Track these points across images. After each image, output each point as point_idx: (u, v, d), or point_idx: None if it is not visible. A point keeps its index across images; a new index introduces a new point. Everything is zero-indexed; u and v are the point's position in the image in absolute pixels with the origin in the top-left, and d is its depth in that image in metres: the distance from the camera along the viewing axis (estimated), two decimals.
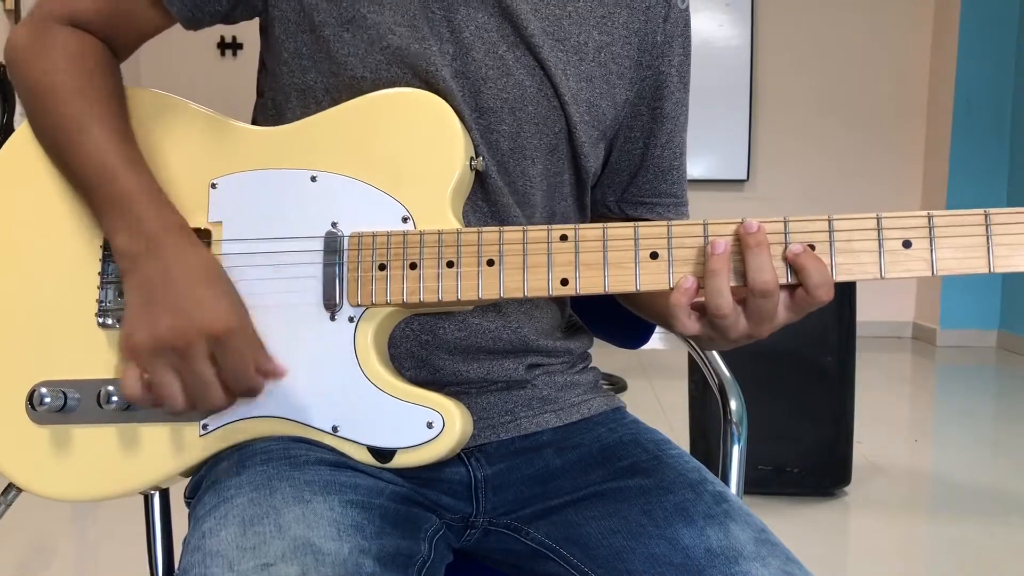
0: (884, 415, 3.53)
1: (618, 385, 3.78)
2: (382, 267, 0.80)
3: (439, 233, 0.79)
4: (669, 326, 0.79)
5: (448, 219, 0.80)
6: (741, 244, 0.73)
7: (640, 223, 0.76)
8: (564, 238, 0.77)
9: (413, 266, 0.79)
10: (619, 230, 0.76)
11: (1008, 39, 5.06)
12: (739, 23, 5.36)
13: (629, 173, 0.98)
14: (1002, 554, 2.27)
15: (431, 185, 0.81)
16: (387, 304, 0.80)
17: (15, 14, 4.57)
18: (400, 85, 0.83)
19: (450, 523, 0.87)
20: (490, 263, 0.78)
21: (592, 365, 1.01)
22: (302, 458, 0.78)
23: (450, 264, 0.78)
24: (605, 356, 0.86)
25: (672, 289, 0.75)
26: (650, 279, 0.76)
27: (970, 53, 5.07)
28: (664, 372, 4.11)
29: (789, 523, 2.39)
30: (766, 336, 0.76)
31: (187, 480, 0.87)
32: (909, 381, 4.61)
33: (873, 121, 5.43)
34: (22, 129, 0.88)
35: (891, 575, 2.20)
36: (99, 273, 0.85)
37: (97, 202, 0.82)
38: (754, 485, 2.46)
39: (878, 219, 0.73)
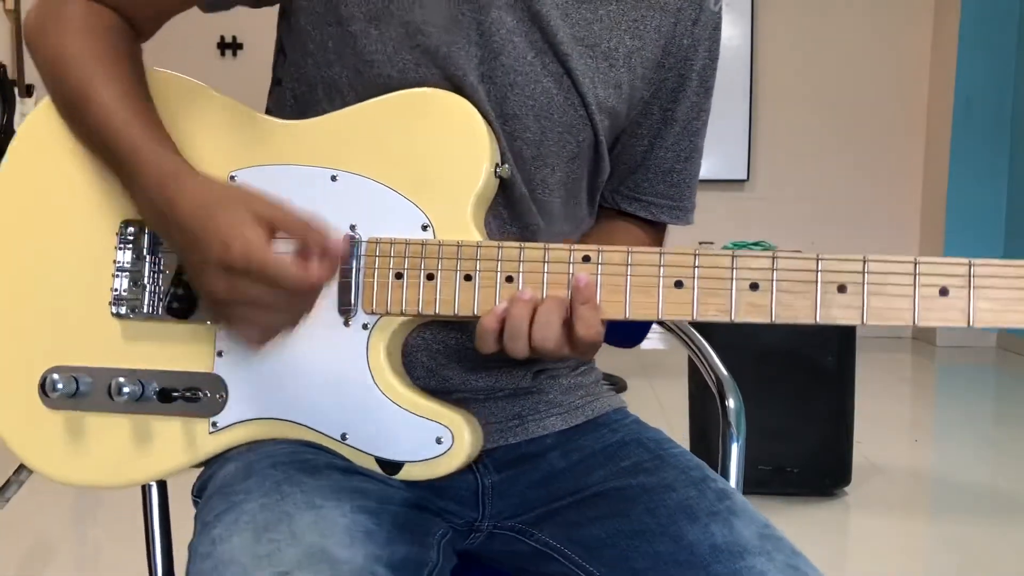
0: (884, 415, 3.52)
1: (618, 385, 3.78)
2: (399, 275, 0.77)
3: (458, 245, 0.77)
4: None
5: (469, 230, 0.78)
6: (573, 293, 0.73)
7: (666, 249, 0.74)
8: (587, 259, 0.74)
9: (430, 277, 0.77)
10: (643, 255, 0.74)
11: (1008, 39, 5.06)
12: (739, 23, 5.35)
13: (628, 168, 0.95)
14: (1002, 554, 2.26)
15: (454, 193, 0.79)
16: (402, 314, 0.78)
17: (15, 14, 4.56)
18: (428, 86, 0.81)
19: (456, 527, 0.87)
20: (509, 279, 0.75)
21: (594, 366, 1.00)
22: (312, 463, 0.78)
23: (468, 278, 0.76)
24: (605, 356, 0.86)
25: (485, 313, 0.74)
26: (673, 308, 0.73)
27: (970, 53, 5.06)
28: (664, 372, 4.10)
29: (789, 523, 2.37)
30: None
31: (196, 472, 0.86)
32: (909, 381, 4.61)
33: (873, 121, 5.43)
34: (35, 114, 0.87)
35: (891, 575, 2.20)
36: (114, 261, 0.84)
37: (112, 164, 0.82)
38: (754, 485, 2.43)
39: (915, 263, 0.69)
